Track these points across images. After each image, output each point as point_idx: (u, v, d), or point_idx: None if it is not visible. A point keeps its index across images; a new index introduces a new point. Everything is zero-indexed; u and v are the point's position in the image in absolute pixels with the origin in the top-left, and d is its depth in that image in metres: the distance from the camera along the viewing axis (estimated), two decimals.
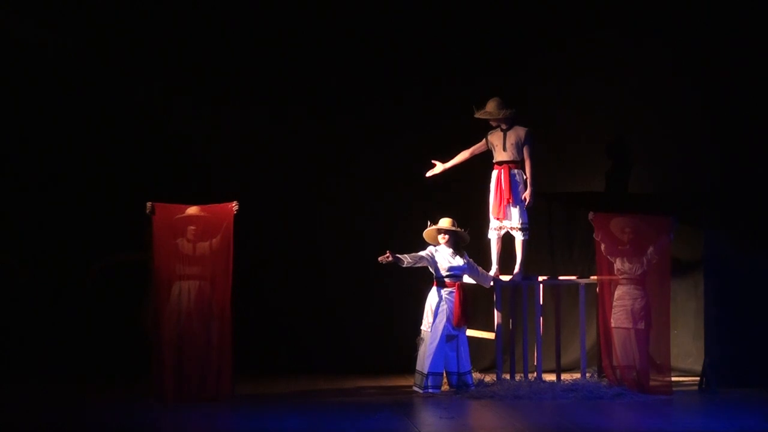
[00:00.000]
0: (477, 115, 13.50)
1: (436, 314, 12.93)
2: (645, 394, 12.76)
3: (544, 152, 13.90)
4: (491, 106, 13.47)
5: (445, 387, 12.98)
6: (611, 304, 13.10)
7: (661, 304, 13.04)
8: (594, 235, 13.18)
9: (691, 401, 12.78)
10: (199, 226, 12.53)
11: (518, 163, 13.46)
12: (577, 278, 13.62)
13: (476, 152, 13.68)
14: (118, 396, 12.64)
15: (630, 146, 14.47)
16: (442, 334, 12.89)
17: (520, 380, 13.28)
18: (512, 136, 13.45)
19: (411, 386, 13.05)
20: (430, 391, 12.80)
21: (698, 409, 12.43)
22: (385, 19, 14.41)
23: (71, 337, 13.82)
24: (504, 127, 13.49)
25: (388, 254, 12.78)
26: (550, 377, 13.46)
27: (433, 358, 12.84)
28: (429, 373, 12.84)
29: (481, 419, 11.87)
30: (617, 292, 13.10)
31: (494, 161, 13.55)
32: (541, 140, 13.74)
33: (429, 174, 13.76)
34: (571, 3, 14.47)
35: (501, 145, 13.46)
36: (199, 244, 12.53)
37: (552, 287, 13.67)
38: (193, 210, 12.54)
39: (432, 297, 13.01)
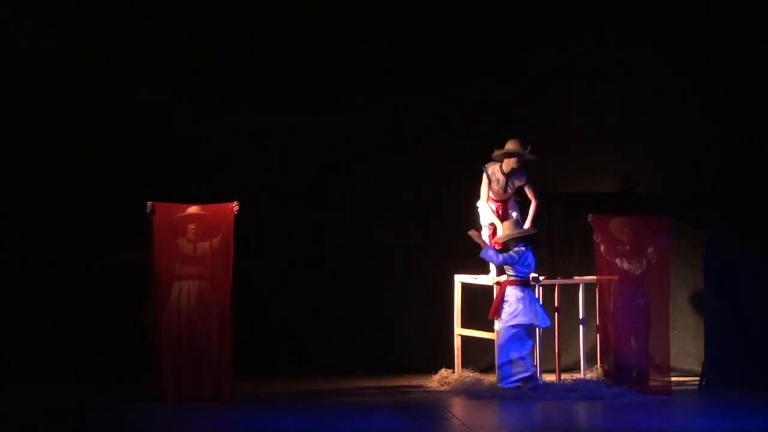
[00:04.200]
0: (495, 155, 13.25)
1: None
2: (645, 394, 12.75)
3: (545, 153, 13.89)
4: (515, 145, 13.26)
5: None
6: (611, 304, 13.10)
7: (661, 304, 13.05)
8: (593, 237, 13.19)
9: (691, 401, 12.78)
10: (199, 225, 12.53)
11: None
12: (577, 278, 13.62)
13: (491, 192, 13.40)
14: (118, 396, 12.64)
15: (630, 146, 14.46)
16: None
17: None
18: (513, 177, 13.36)
19: (409, 386, 13.03)
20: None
21: (698, 409, 12.44)
22: (386, 19, 14.40)
23: (71, 336, 13.81)
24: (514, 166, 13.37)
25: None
26: (550, 377, 13.47)
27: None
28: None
29: (481, 419, 11.87)
30: (617, 292, 13.10)
31: (495, 197, 13.42)
32: (542, 141, 13.73)
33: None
34: (571, 3, 14.47)
35: (503, 184, 13.33)
36: (200, 244, 12.53)
37: (552, 287, 13.67)
38: (193, 209, 12.56)
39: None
